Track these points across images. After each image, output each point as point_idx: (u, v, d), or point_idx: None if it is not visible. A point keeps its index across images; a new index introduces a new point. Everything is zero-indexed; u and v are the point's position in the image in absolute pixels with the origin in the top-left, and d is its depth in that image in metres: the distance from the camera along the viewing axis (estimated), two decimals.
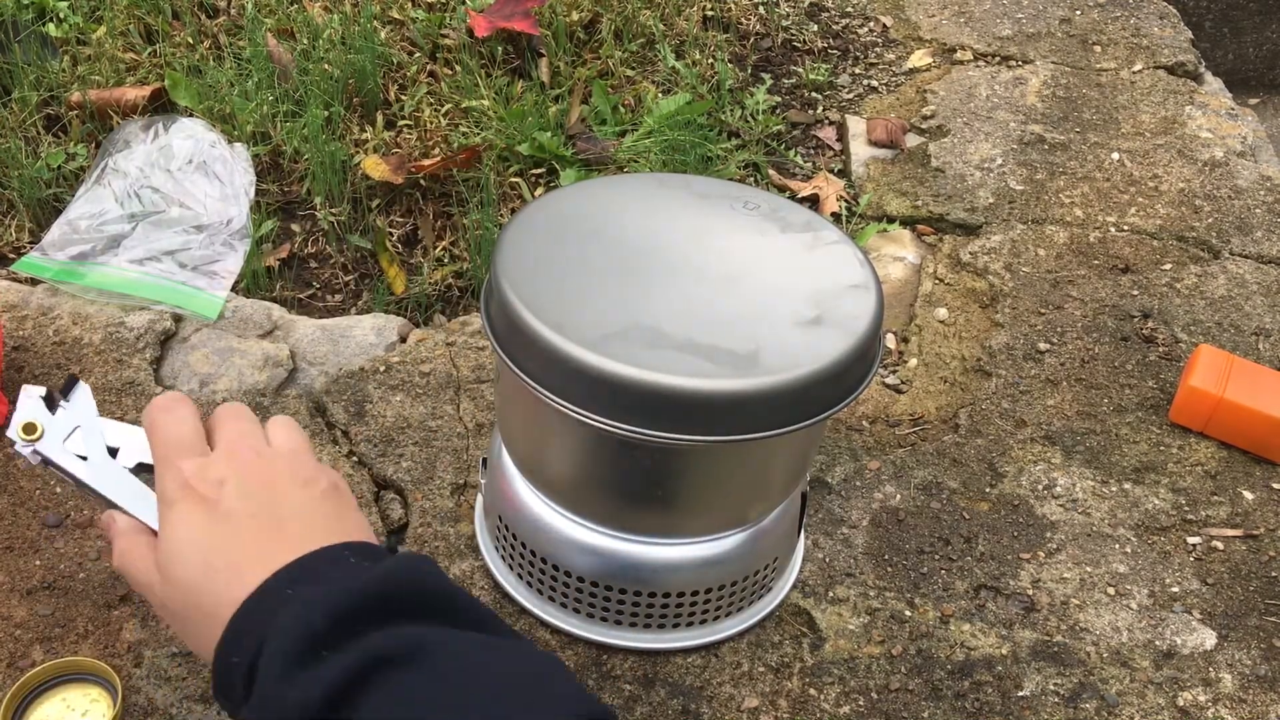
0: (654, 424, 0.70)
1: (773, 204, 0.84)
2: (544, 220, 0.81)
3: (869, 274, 0.78)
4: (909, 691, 0.85)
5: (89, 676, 0.80)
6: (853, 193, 1.40)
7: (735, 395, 0.69)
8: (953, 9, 1.75)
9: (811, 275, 0.78)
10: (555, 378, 0.71)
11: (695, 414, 0.70)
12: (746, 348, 0.71)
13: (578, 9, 1.59)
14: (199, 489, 0.58)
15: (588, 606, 0.85)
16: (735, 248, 0.80)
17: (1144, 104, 1.54)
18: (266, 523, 0.57)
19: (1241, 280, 1.26)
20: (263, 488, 0.58)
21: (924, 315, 1.20)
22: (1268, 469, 1.06)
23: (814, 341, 0.72)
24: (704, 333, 0.72)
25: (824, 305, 0.75)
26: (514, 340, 0.73)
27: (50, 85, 1.39)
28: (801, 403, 0.71)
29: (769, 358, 0.71)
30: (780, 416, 0.71)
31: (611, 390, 0.69)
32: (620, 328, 0.71)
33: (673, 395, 0.69)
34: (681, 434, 0.70)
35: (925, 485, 1.01)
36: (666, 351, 0.70)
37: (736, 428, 0.70)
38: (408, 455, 0.99)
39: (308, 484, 0.60)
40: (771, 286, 0.77)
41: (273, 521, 0.57)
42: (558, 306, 0.72)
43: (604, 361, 0.69)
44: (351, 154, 1.35)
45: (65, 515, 0.92)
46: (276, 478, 0.59)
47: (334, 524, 0.58)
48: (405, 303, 1.25)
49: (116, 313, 1.09)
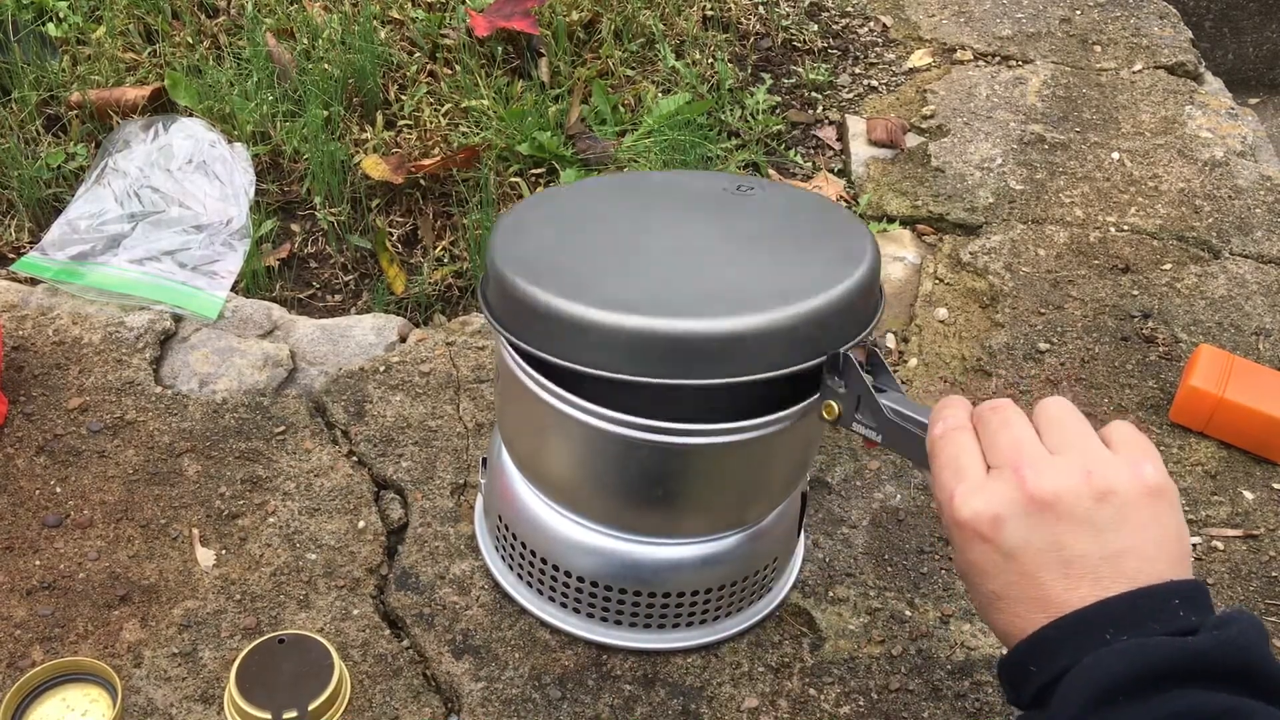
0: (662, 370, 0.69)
1: (762, 183, 0.86)
2: (541, 209, 0.82)
3: (862, 228, 0.79)
4: (909, 691, 0.85)
5: (89, 676, 0.80)
6: (853, 193, 1.40)
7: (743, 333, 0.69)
8: (953, 9, 1.75)
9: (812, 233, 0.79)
10: (559, 341, 0.71)
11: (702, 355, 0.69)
12: (752, 290, 0.72)
13: (578, 9, 1.59)
14: (976, 527, 0.58)
15: (587, 607, 0.85)
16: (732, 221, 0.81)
17: (1144, 104, 1.54)
18: (1052, 569, 0.57)
19: (1242, 280, 1.26)
20: (1044, 524, 0.57)
21: (924, 315, 1.20)
22: (1268, 469, 1.06)
23: (818, 275, 0.73)
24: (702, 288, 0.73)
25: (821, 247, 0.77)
26: (512, 313, 0.74)
27: (50, 85, 1.38)
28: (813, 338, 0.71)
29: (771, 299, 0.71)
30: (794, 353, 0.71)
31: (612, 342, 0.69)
32: (621, 295, 0.72)
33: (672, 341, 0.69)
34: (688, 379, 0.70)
35: (925, 485, 1.01)
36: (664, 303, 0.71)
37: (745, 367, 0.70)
38: (408, 455, 0.99)
39: (1101, 501, 0.57)
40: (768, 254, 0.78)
41: (1058, 566, 0.57)
42: (557, 280, 0.73)
43: (608, 315, 0.69)
44: (351, 154, 1.35)
45: (65, 515, 0.92)
46: (1061, 505, 0.57)
47: (1128, 560, 0.56)
48: (405, 303, 1.25)
49: (116, 312, 1.09)
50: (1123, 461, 0.58)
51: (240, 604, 0.87)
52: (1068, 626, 0.55)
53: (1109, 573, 0.56)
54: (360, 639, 0.85)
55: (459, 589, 0.89)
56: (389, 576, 0.90)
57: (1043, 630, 0.56)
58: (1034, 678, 0.56)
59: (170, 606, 0.86)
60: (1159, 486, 0.58)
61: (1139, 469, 0.58)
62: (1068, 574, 0.56)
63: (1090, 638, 0.54)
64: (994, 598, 0.59)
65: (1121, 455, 0.59)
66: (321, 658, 0.80)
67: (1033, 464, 0.58)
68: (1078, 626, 0.55)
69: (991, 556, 0.58)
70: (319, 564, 0.90)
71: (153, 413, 1.01)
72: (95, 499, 0.93)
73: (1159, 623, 0.54)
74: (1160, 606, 0.55)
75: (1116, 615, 0.55)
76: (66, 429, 0.99)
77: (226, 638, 0.85)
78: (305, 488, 0.96)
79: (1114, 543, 0.56)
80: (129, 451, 0.97)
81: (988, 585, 0.59)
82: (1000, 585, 0.58)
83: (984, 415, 0.62)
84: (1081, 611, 0.55)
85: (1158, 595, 0.55)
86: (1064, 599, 0.56)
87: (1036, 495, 0.57)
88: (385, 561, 0.91)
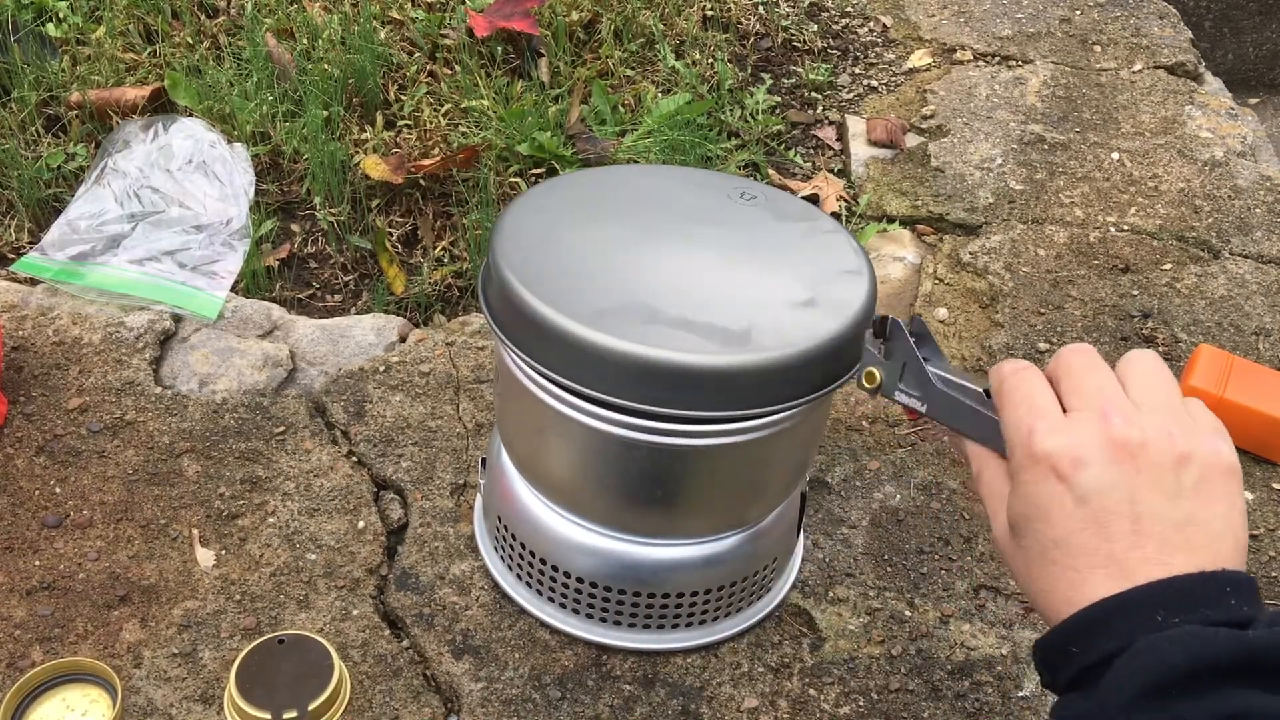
0: (645, 398, 0.70)
1: (769, 195, 0.85)
2: (544, 203, 0.81)
3: (863, 261, 0.78)
4: (909, 691, 0.85)
5: (88, 677, 0.80)
6: (852, 192, 1.40)
7: (726, 371, 0.70)
8: (953, 9, 1.75)
9: (805, 261, 0.78)
10: (549, 354, 0.72)
11: (685, 389, 0.70)
12: (739, 325, 0.72)
13: (578, 9, 1.59)
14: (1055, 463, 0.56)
15: (587, 607, 0.85)
16: (731, 234, 0.81)
17: (1144, 104, 1.54)
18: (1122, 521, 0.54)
19: (1241, 280, 1.26)
20: (1125, 474, 0.55)
21: (924, 315, 1.20)
22: (1268, 469, 1.06)
23: (807, 321, 0.73)
24: (698, 311, 0.72)
25: (818, 289, 0.75)
26: (511, 319, 0.74)
27: (50, 85, 1.38)
28: (792, 381, 0.72)
29: (761, 336, 0.71)
30: (770, 394, 0.71)
31: (603, 364, 0.70)
32: (615, 304, 0.72)
33: (663, 370, 0.69)
34: (671, 408, 0.70)
35: (925, 485, 1.01)
36: (659, 327, 0.70)
37: (726, 404, 0.71)
38: (407, 455, 0.99)
39: (1180, 465, 0.55)
40: (766, 271, 0.77)
41: (1128, 519, 0.54)
42: (553, 283, 0.73)
43: (596, 335, 0.69)
44: (351, 154, 1.35)
45: (65, 515, 0.92)
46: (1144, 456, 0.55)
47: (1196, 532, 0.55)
48: (405, 303, 1.25)
49: (116, 313, 1.09)
50: (1203, 432, 0.57)
51: (240, 604, 0.87)
52: (1114, 607, 0.53)
53: (1176, 539, 0.54)
54: (360, 639, 0.85)
55: (459, 589, 0.89)
56: (389, 577, 0.90)
57: (1085, 611, 0.54)
58: (1075, 659, 0.54)
59: (170, 607, 0.86)
60: (1232, 466, 0.56)
61: (1216, 444, 0.56)
62: (1137, 529, 0.54)
63: (1140, 621, 0.52)
64: (1052, 546, 0.56)
65: (1201, 425, 0.57)
66: (321, 658, 0.80)
67: (1121, 410, 0.56)
68: (1126, 608, 0.53)
69: (1063, 499, 0.56)
70: (319, 564, 0.90)
71: (153, 413, 1.01)
72: (95, 499, 0.93)
73: (1212, 610, 0.52)
74: (1214, 593, 0.52)
75: (1167, 598, 0.52)
76: (66, 429, 0.99)
77: (226, 638, 0.85)
78: (305, 488, 0.96)
79: (1186, 509, 0.54)
80: (129, 452, 0.97)
81: (1050, 531, 0.56)
82: (1064, 532, 0.55)
83: (1067, 357, 0.60)
84: (1129, 593, 0.53)
85: (1211, 581, 0.53)
86: (1126, 556, 0.54)
87: (1123, 441, 0.55)
88: (385, 562, 0.91)
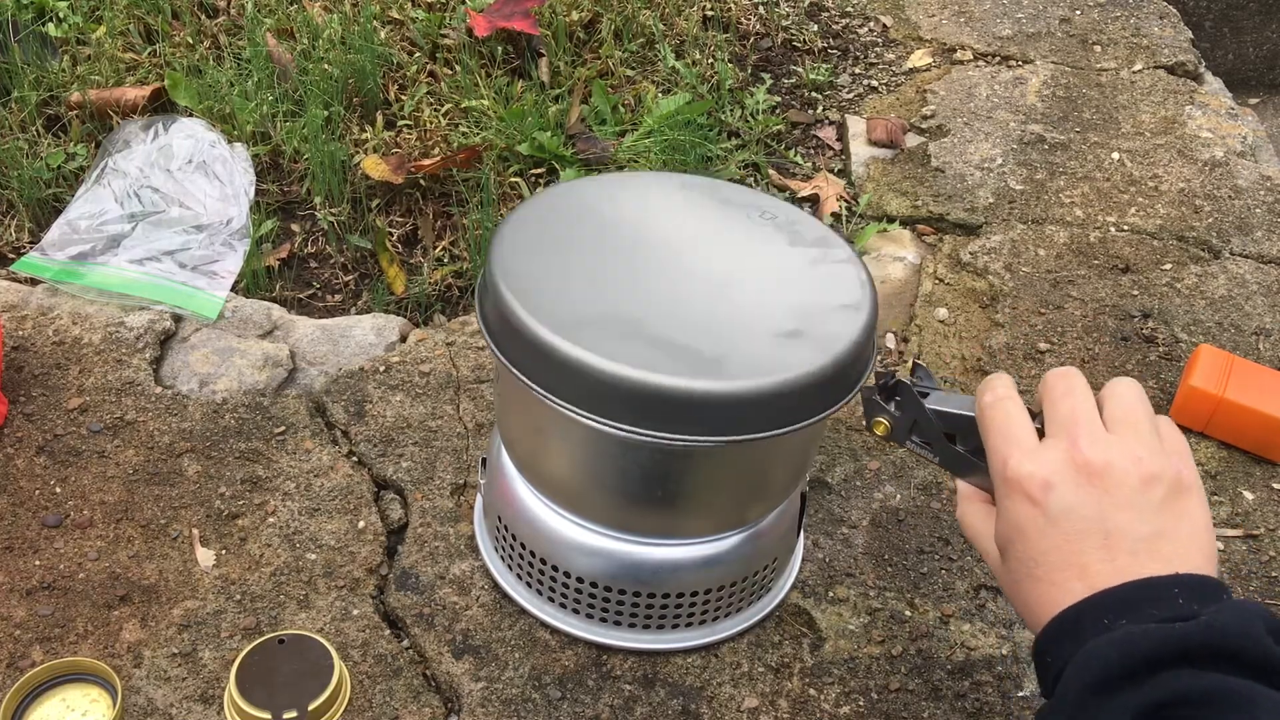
0: (611, 414, 0.71)
1: (790, 216, 0.84)
2: (544, 212, 0.81)
3: (866, 296, 0.77)
4: (909, 691, 0.85)
5: (89, 676, 0.80)
6: (853, 192, 1.40)
7: (687, 396, 0.70)
8: (953, 9, 1.75)
9: (807, 290, 0.78)
10: (529, 362, 0.73)
11: (648, 409, 0.70)
12: (715, 352, 0.72)
13: (578, 9, 1.59)
14: (1026, 489, 0.61)
15: (587, 607, 0.85)
16: (738, 255, 0.80)
17: (1144, 104, 1.54)
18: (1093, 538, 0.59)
19: (1241, 280, 1.26)
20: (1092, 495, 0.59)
21: (924, 315, 1.20)
22: (1268, 469, 1.06)
23: (785, 355, 0.72)
24: (680, 333, 0.72)
25: (809, 320, 0.75)
26: (499, 326, 0.75)
27: (50, 85, 1.38)
28: (766, 412, 0.71)
29: (733, 365, 0.71)
30: (733, 425, 0.71)
31: (574, 377, 0.70)
32: (600, 317, 0.73)
33: (628, 388, 0.69)
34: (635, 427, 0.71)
35: (925, 485, 1.01)
36: (636, 344, 0.71)
37: (686, 428, 0.71)
38: (407, 455, 0.99)
39: (1147, 485, 0.59)
40: (763, 297, 0.77)
41: (1098, 535, 0.58)
42: (544, 293, 0.74)
43: (567, 346, 0.70)
44: (351, 154, 1.35)
45: (65, 515, 0.92)
46: (1110, 477, 0.59)
47: (1165, 544, 0.58)
48: (405, 303, 1.25)
49: (116, 313, 1.09)
50: (1168, 454, 0.61)
51: (240, 604, 0.87)
52: (1072, 616, 0.57)
53: (1146, 550, 0.58)
54: (360, 639, 0.85)
55: (459, 589, 0.89)
56: (389, 576, 0.90)
57: (1052, 621, 0.58)
58: (1050, 668, 0.58)
59: (170, 606, 0.86)
60: (1194, 484, 0.61)
61: (1178, 466, 0.60)
62: (1108, 544, 0.58)
63: (1090, 627, 0.56)
64: (1033, 564, 0.60)
65: (1168, 447, 0.61)
66: (321, 658, 0.80)
67: (1088, 435, 0.61)
68: (1081, 616, 0.57)
69: (1037, 520, 0.60)
70: (319, 564, 0.90)
71: (153, 413, 1.01)
72: (95, 499, 0.93)
73: (1157, 609, 0.55)
74: (1160, 595, 0.56)
75: (1114, 603, 0.56)
76: (66, 429, 0.99)
77: (226, 638, 0.85)
78: (305, 488, 0.96)
79: (1155, 525, 0.58)
80: (129, 451, 0.97)
81: (1029, 550, 0.60)
82: (1039, 550, 0.60)
83: (1050, 381, 0.64)
84: (1084, 601, 0.57)
85: (1160, 585, 0.56)
86: (1099, 569, 0.58)
87: (1087, 465, 0.59)
88: (385, 562, 0.91)
